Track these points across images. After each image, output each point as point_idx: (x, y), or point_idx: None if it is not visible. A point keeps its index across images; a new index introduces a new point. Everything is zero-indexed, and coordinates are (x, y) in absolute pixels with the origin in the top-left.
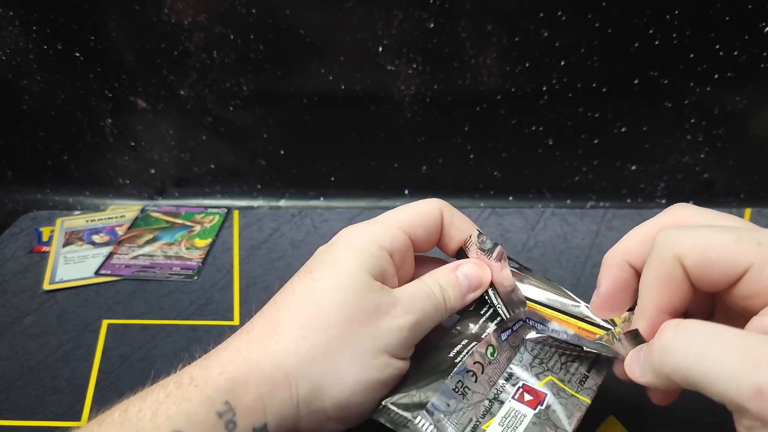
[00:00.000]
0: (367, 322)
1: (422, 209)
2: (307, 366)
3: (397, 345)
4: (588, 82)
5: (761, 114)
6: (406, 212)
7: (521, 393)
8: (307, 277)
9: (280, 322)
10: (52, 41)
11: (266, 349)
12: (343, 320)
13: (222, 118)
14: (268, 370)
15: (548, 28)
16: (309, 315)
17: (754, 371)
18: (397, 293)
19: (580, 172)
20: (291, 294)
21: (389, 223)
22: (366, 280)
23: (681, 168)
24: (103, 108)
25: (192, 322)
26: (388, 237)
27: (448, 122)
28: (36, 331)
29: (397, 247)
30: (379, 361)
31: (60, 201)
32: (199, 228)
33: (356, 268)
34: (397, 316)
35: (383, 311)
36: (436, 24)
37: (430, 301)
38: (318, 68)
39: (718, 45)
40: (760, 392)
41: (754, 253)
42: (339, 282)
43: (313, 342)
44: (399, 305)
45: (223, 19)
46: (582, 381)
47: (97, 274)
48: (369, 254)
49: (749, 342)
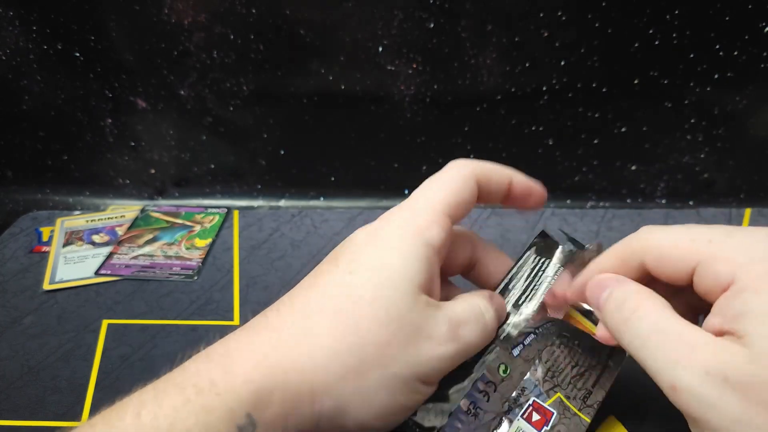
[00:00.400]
0: (406, 344)
1: (460, 186)
2: (335, 385)
3: (432, 374)
4: (588, 82)
5: (761, 114)
6: (444, 191)
7: (530, 412)
8: (346, 279)
9: (312, 329)
10: (52, 41)
11: (295, 360)
12: (382, 340)
13: (222, 118)
14: (295, 384)
15: (548, 28)
16: (345, 328)
17: (673, 371)
18: (442, 313)
19: (580, 172)
20: (328, 297)
21: (434, 210)
22: (412, 294)
23: (681, 168)
24: (103, 108)
25: (192, 322)
26: (436, 230)
27: (448, 122)
28: (36, 331)
29: (444, 240)
30: (409, 388)
31: (60, 201)
32: (199, 228)
33: (402, 278)
34: (440, 342)
35: (425, 334)
36: (436, 24)
37: (478, 327)
38: (318, 68)
39: (718, 45)
40: (675, 388)
41: (704, 250)
42: (382, 294)
43: (346, 360)
44: (444, 329)
45: (223, 19)
46: (585, 398)
47: (97, 274)
48: (417, 258)
49: (679, 341)
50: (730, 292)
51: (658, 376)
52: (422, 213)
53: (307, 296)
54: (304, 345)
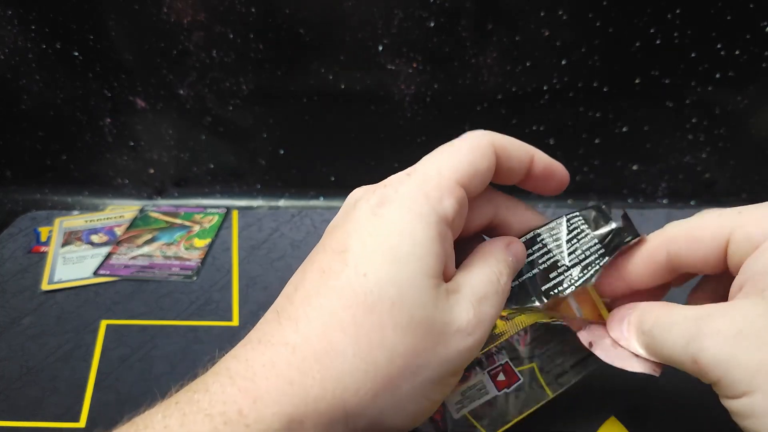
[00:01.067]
0: (435, 346)
1: (476, 154)
2: (368, 404)
3: (463, 365)
4: (589, 82)
5: (763, 113)
6: (458, 159)
7: (499, 371)
8: (362, 283)
9: (335, 346)
10: (51, 41)
11: (324, 388)
12: (410, 350)
13: (222, 118)
14: (327, 411)
15: (549, 28)
16: (369, 343)
17: (687, 347)
18: (464, 297)
19: (581, 172)
20: (344, 307)
21: (446, 178)
22: (432, 288)
23: (682, 168)
24: (102, 108)
25: (191, 322)
26: (448, 201)
27: (448, 122)
28: (35, 332)
29: (458, 212)
30: (442, 386)
31: (59, 201)
32: (198, 228)
33: (420, 272)
34: (469, 332)
35: (453, 329)
36: (436, 23)
37: (497, 299)
38: (318, 68)
39: (720, 44)
40: (696, 362)
41: (735, 219)
42: (402, 296)
43: (375, 377)
44: (470, 316)
45: (222, 19)
46: (559, 375)
47: (96, 275)
48: (431, 241)
49: (685, 320)
50: (758, 251)
51: (680, 361)
52: (432, 181)
53: (321, 304)
54: (330, 368)
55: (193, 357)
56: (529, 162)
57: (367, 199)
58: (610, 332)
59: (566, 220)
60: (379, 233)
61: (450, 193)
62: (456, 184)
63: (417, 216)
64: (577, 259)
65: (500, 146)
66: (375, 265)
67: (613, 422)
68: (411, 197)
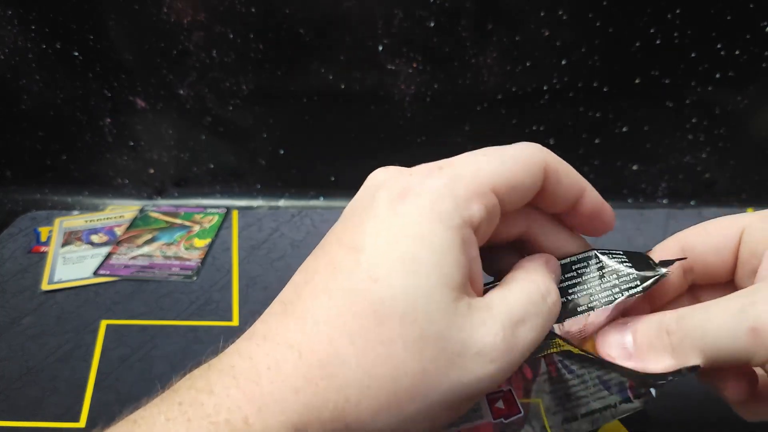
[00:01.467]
0: (448, 368)
1: (521, 166)
2: (367, 420)
3: (481, 393)
4: (589, 82)
5: (762, 114)
6: (499, 164)
7: (499, 398)
8: (370, 289)
9: (339, 355)
10: (51, 40)
11: (327, 397)
12: (418, 369)
13: (221, 118)
14: (329, 422)
15: (549, 28)
16: (375, 356)
17: (740, 316)
18: (493, 316)
19: (581, 172)
20: (351, 314)
21: (480, 183)
22: (450, 301)
23: (682, 168)
24: (102, 108)
25: (191, 322)
26: (477, 206)
27: (448, 122)
28: (35, 332)
29: (486, 221)
30: (453, 411)
31: (59, 201)
32: (198, 228)
33: (437, 282)
34: (493, 358)
35: (473, 351)
36: (436, 23)
37: (539, 321)
38: (318, 68)
39: (720, 44)
40: (755, 329)
41: (747, 217)
42: (415, 307)
43: (378, 393)
44: (497, 339)
45: (222, 19)
46: (566, 420)
47: (96, 275)
48: (453, 248)
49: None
50: None
51: (731, 338)
52: (464, 180)
53: (330, 306)
54: (333, 377)
55: (193, 357)
56: (579, 195)
57: (388, 188)
58: (604, 349)
59: (608, 254)
60: (396, 235)
61: (481, 198)
62: (490, 190)
63: (438, 217)
64: (609, 293)
65: (552, 168)
66: (388, 271)
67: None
68: (437, 193)
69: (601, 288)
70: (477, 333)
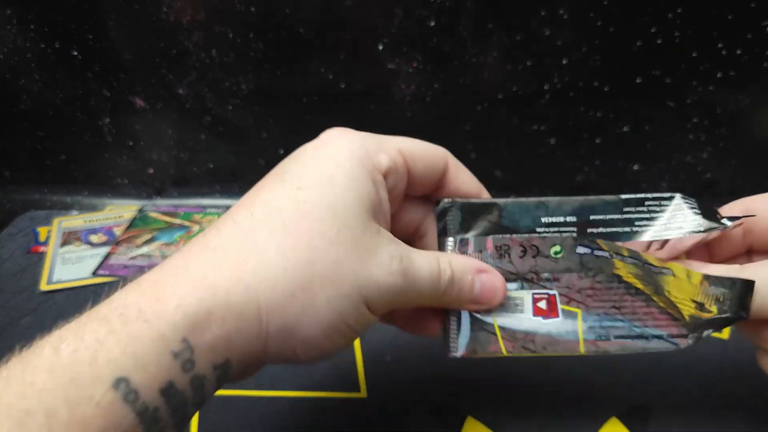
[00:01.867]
0: (356, 265)
1: (426, 144)
2: (284, 303)
3: (378, 302)
4: (590, 82)
5: (763, 113)
6: (408, 139)
7: (543, 298)
8: (296, 194)
9: (258, 245)
10: (51, 40)
11: (239, 279)
12: (331, 259)
13: (221, 118)
14: (238, 304)
15: (550, 27)
16: (294, 244)
17: None
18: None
19: (581, 172)
20: (275, 211)
21: (389, 143)
22: (362, 217)
23: (683, 168)
24: (101, 107)
25: None
26: (385, 156)
27: (448, 121)
28: (34, 332)
29: (393, 170)
30: (357, 312)
31: (58, 201)
32: (197, 228)
33: (352, 200)
34: (390, 271)
35: (376, 261)
36: (436, 22)
37: (430, 284)
38: (318, 67)
39: (721, 44)
40: None
41: None
42: (333, 212)
43: (294, 275)
44: (394, 264)
45: (222, 18)
46: (600, 338)
47: (95, 275)
48: (365, 179)
49: None
50: None
51: None
52: (375, 139)
53: (252, 211)
54: (249, 262)
55: None
56: (477, 193)
57: (313, 141)
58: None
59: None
60: (318, 162)
61: (388, 153)
62: (396, 149)
63: (352, 155)
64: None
65: (454, 162)
66: (310, 183)
67: (614, 422)
68: (352, 142)
69: (666, 226)
70: (378, 250)
